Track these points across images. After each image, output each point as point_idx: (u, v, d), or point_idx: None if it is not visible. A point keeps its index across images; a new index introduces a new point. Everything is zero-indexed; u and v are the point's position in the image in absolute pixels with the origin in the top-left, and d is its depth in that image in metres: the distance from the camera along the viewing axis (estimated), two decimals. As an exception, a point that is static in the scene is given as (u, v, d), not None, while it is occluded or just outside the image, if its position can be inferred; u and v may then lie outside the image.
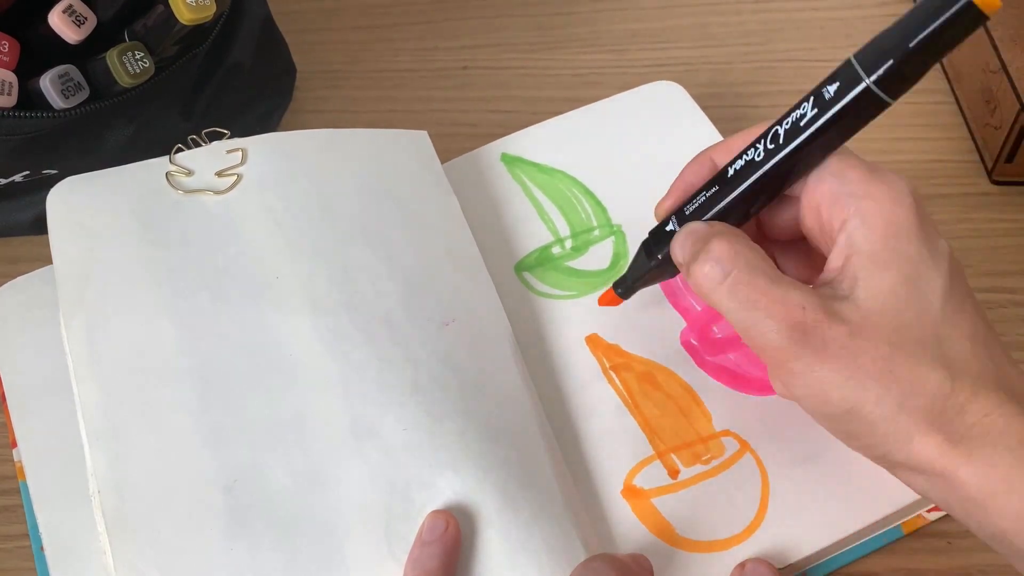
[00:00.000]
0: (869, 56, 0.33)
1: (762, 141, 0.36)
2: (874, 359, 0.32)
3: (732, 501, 0.41)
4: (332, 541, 0.38)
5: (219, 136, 0.48)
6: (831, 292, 0.34)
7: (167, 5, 0.45)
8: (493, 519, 0.38)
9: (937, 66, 0.61)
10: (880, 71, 0.32)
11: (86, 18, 0.46)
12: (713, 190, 0.38)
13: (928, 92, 0.60)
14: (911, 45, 0.32)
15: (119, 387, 0.40)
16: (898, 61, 0.32)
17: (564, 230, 0.50)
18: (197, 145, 0.48)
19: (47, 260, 0.45)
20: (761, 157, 0.36)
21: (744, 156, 0.37)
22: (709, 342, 0.46)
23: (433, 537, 0.37)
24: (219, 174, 0.46)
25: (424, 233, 0.46)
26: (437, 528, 0.38)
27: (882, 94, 0.33)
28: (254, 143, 0.47)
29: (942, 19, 0.31)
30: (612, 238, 0.50)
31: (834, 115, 0.34)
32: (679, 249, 0.37)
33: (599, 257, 0.49)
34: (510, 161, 0.53)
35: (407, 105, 0.60)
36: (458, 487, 0.39)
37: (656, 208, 0.41)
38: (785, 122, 0.35)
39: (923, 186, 0.55)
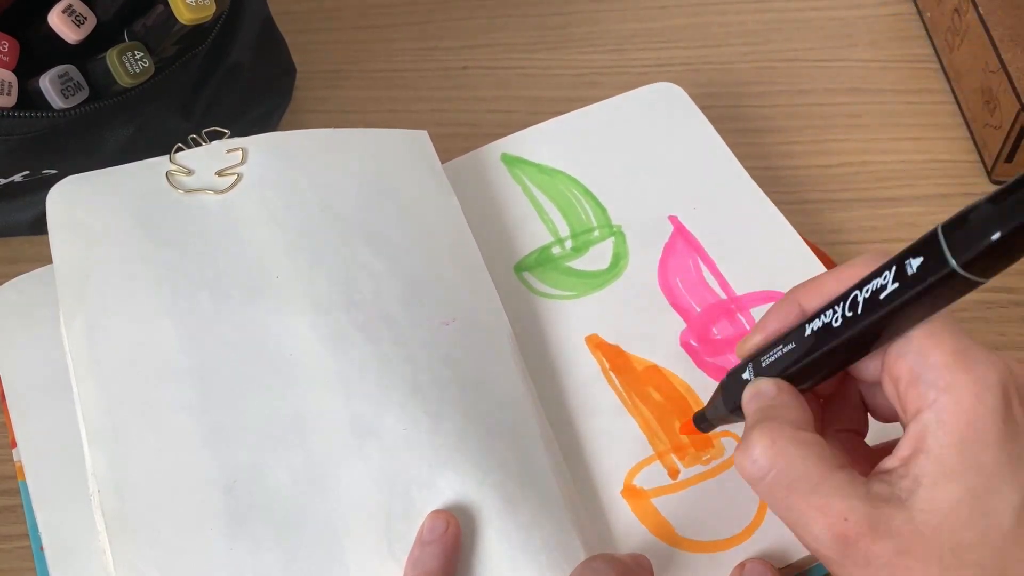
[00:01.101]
0: (958, 234, 0.29)
1: (841, 306, 0.32)
2: None
3: (732, 501, 0.41)
4: (332, 541, 0.38)
5: (219, 135, 0.48)
6: (888, 490, 0.30)
7: (167, 5, 0.45)
8: (493, 519, 0.38)
9: (937, 66, 0.61)
10: (968, 256, 0.28)
11: (86, 18, 0.46)
12: (790, 347, 0.34)
13: (928, 92, 0.60)
14: (1007, 232, 0.27)
15: (119, 387, 0.40)
16: (990, 247, 0.28)
17: (564, 230, 0.50)
18: (197, 144, 0.48)
19: (47, 260, 0.45)
20: (839, 324, 0.32)
21: (822, 317, 0.33)
22: (709, 343, 0.46)
23: (433, 537, 0.37)
24: (219, 173, 0.46)
25: (424, 233, 0.46)
26: (437, 528, 0.38)
27: (971, 276, 0.29)
28: (254, 143, 0.47)
29: None
30: (612, 238, 0.50)
31: (916, 293, 0.30)
32: (746, 408, 0.34)
33: (599, 257, 0.49)
34: (510, 161, 0.53)
35: (407, 105, 0.60)
36: (458, 487, 0.39)
37: (738, 347, 0.37)
38: (865, 290, 0.32)
39: (923, 186, 0.55)
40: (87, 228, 0.44)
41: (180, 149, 0.47)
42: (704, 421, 0.40)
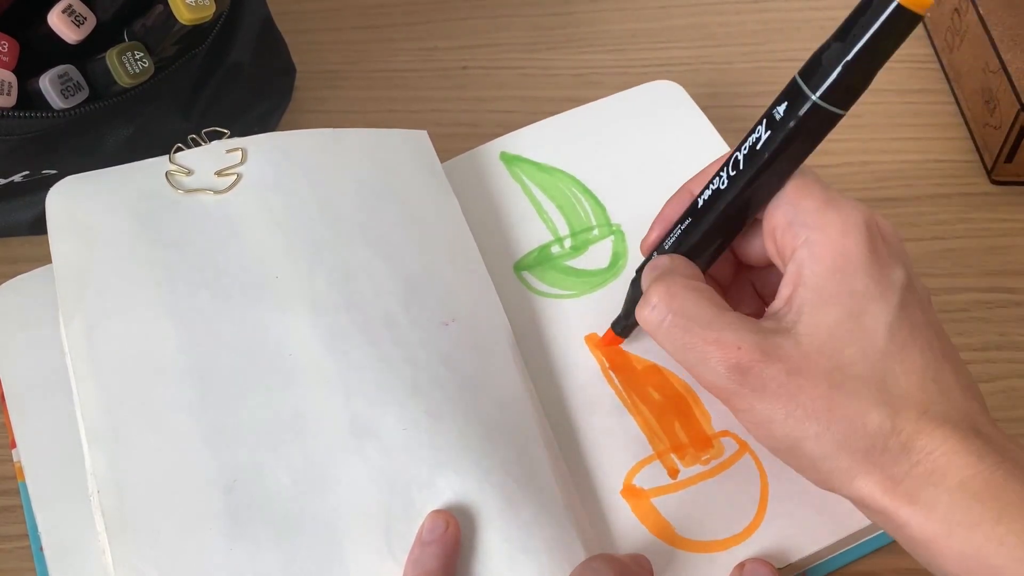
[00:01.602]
0: (812, 72, 0.33)
1: (724, 169, 0.36)
2: (813, 397, 0.32)
3: (732, 501, 0.41)
4: (332, 541, 0.38)
5: (219, 135, 0.48)
6: (774, 325, 0.34)
7: (166, 5, 0.45)
8: (493, 519, 0.38)
9: (937, 66, 0.61)
10: (824, 87, 0.33)
11: (85, 18, 0.46)
12: (687, 223, 0.38)
13: (928, 92, 0.60)
14: (849, 58, 0.32)
15: (119, 387, 0.40)
16: (840, 74, 0.32)
17: (563, 229, 0.50)
18: (197, 144, 0.48)
19: (47, 260, 0.45)
20: (725, 186, 0.36)
21: (710, 186, 0.37)
22: (709, 342, 0.46)
23: (433, 537, 0.37)
24: (219, 174, 0.46)
25: (424, 233, 0.46)
26: (437, 528, 0.38)
27: (831, 107, 0.33)
28: (254, 143, 0.47)
29: (875, 27, 0.31)
30: (611, 237, 0.50)
31: (787, 134, 0.34)
32: (644, 278, 0.38)
33: (598, 256, 0.49)
34: (509, 160, 0.53)
35: (407, 105, 0.60)
36: (458, 487, 0.39)
37: (641, 244, 0.41)
38: (743, 147, 0.35)
39: (923, 186, 0.55)
40: (87, 228, 0.44)
41: (180, 149, 0.47)
42: (620, 324, 0.43)
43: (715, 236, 0.37)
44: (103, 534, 0.38)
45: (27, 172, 0.49)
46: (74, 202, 0.45)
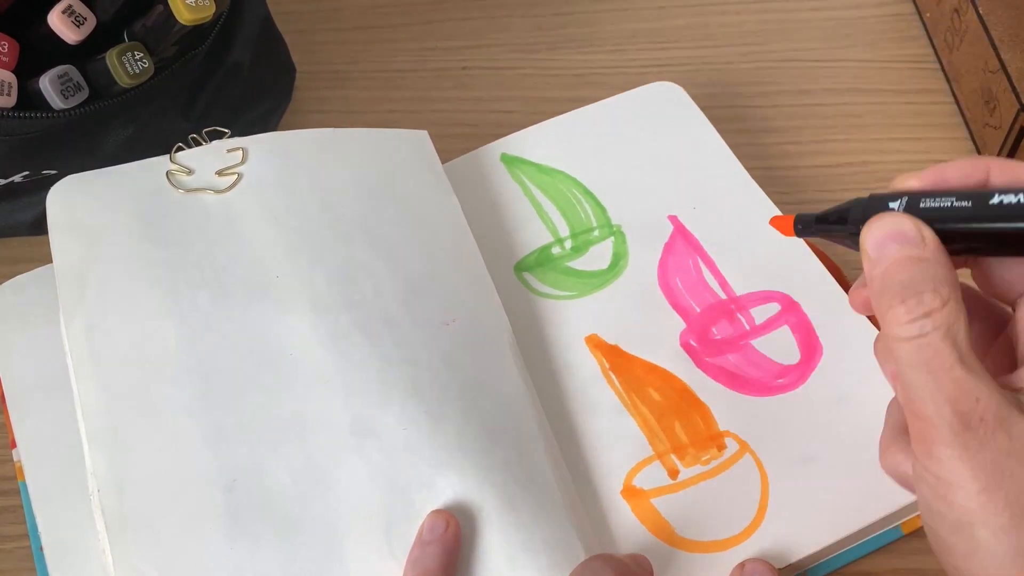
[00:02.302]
0: None
1: None
2: (1020, 492, 0.28)
3: (732, 501, 0.41)
4: (332, 541, 0.38)
5: (219, 135, 0.48)
6: (1016, 400, 0.29)
7: (166, 5, 0.45)
8: (493, 519, 0.38)
9: (936, 66, 0.61)
10: None
11: (85, 18, 0.46)
12: (963, 204, 0.31)
13: (928, 92, 0.60)
14: None
15: (119, 386, 0.40)
16: None
17: (564, 230, 0.50)
18: (197, 144, 0.48)
19: (47, 260, 0.45)
20: None
21: (1020, 195, 0.30)
22: (708, 343, 0.46)
23: (433, 537, 0.37)
24: (219, 173, 0.46)
25: (424, 233, 0.46)
26: (437, 528, 0.38)
27: None
28: (254, 142, 0.47)
29: None
30: (612, 238, 0.50)
31: None
32: (876, 234, 0.31)
33: (599, 257, 0.49)
34: (510, 161, 0.53)
35: (407, 105, 0.60)
36: (458, 487, 0.39)
37: (898, 178, 0.33)
38: None
39: (923, 186, 0.55)
40: (87, 228, 0.44)
41: (180, 149, 0.47)
42: (810, 225, 0.35)
43: (985, 244, 0.31)
44: (103, 534, 0.38)
45: (27, 172, 0.49)
46: (74, 202, 0.45)
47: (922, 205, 0.31)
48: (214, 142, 0.48)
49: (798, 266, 0.48)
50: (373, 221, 0.46)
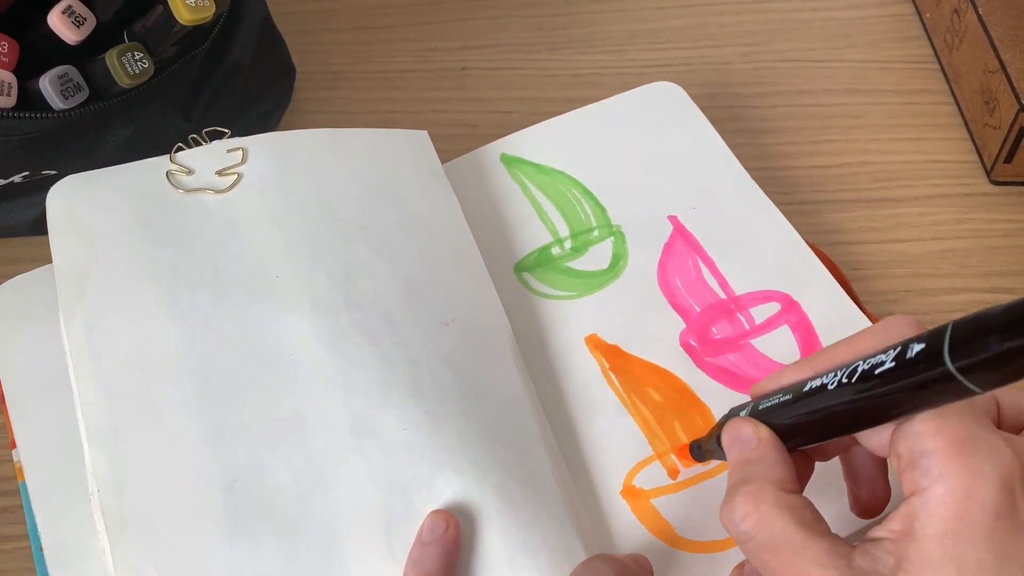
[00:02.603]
0: (964, 333, 0.27)
1: (841, 371, 0.31)
2: None
3: (732, 501, 0.41)
4: (332, 541, 0.38)
5: (219, 135, 0.48)
6: (870, 565, 0.30)
7: (166, 6, 0.46)
8: (493, 519, 0.38)
9: (936, 66, 0.61)
10: (967, 361, 0.26)
11: (85, 19, 0.46)
12: (787, 397, 0.34)
13: (927, 92, 0.60)
14: (1011, 345, 0.25)
15: (119, 386, 0.40)
16: (991, 356, 0.26)
17: (563, 230, 0.50)
18: (197, 144, 0.48)
19: (46, 261, 0.45)
20: (833, 387, 0.31)
21: (822, 378, 0.32)
22: (708, 343, 0.46)
23: (433, 537, 0.37)
24: (219, 173, 0.46)
25: (424, 233, 0.46)
26: (437, 528, 0.38)
27: (967, 383, 0.27)
28: (254, 142, 0.47)
29: None
30: (611, 238, 0.50)
31: (912, 383, 0.28)
32: (725, 441, 0.35)
33: (598, 257, 0.49)
34: (509, 161, 0.53)
35: (406, 106, 0.60)
36: (458, 487, 0.39)
37: (753, 388, 0.37)
38: (867, 361, 0.30)
39: (922, 186, 0.55)
40: (87, 228, 0.44)
41: (180, 149, 0.47)
42: (699, 451, 0.40)
43: (810, 429, 0.33)
44: (103, 534, 0.38)
45: (27, 173, 0.49)
46: (74, 202, 0.45)
47: (760, 407, 0.35)
48: (214, 142, 0.48)
49: (798, 265, 0.48)
50: (373, 221, 0.46)
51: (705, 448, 0.39)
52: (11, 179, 0.49)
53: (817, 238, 0.52)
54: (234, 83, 0.54)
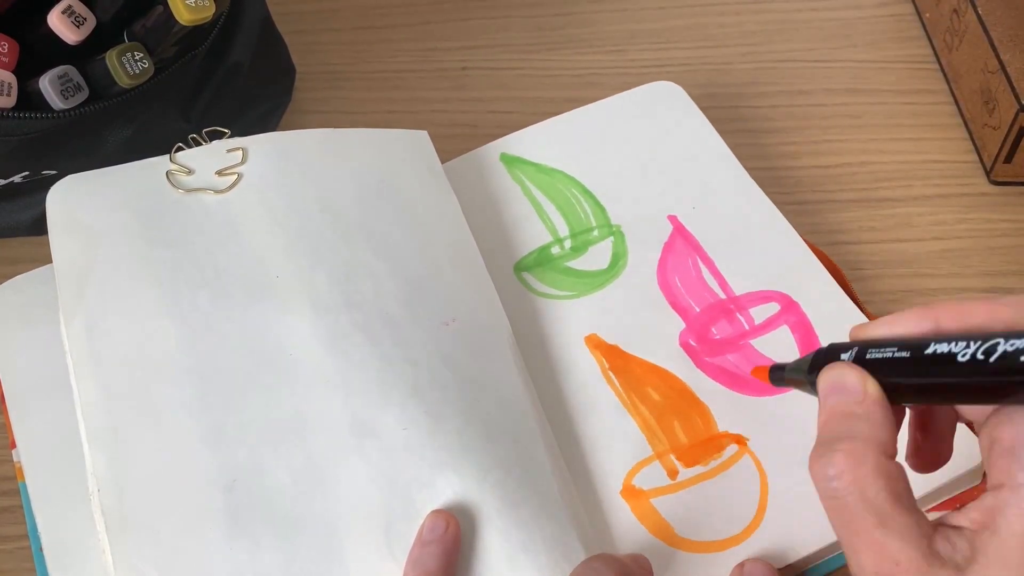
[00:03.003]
0: None
1: (976, 345, 0.29)
2: None
3: (731, 501, 0.41)
4: (332, 541, 0.38)
5: (219, 135, 0.48)
6: (948, 550, 0.29)
7: (166, 6, 0.46)
8: (493, 519, 0.38)
9: (936, 66, 0.61)
10: None
11: (85, 19, 0.46)
12: (903, 355, 0.31)
13: (927, 92, 0.60)
14: None
15: (119, 386, 0.40)
16: None
17: (563, 230, 0.50)
18: (197, 144, 0.48)
19: (46, 261, 0.45)
20: (965, 360, 0.29)
21: (951, 345, 0.30)
22: (708, 343, 0.46)
23: (433, 537, 0.37)
24: (219, 173, 0.46)
25: (424, 233, 0.46)
26: (437, 528, 0.38)
27: None
28: (255, 142, 0.47)
29: None
30: (611, 238, 0.50)
31: None
32: (824, 384, 0.32)
33: (598, 257, 0.49)
34: (509, 161, 0.53)
35: (406, 106, 0.60)
36: (458, 487, 0.39)
37: (854, 329, 0.34)
38: (1011, 343, 0.28)
39: (922, 186, 0.55)
40: (87, 228, 0.44)
41: (180, 149, 0.47)
42: (780, 374, 0.37)
43: (923, 395, 0.32)
44: (103, 534, 0.38)
45: (27, 173, 0.49)
46: (74, 201, 0.45)
47: (868, 356, 0.32)
48: (214, 142, 0.48)
49: (797, 266, 0.48)
50: (373, 221, 0.46)
51: (790, 377, 0.36)
52: (11, 179, 0.49)
53: (817, 238, 0.52)
54: (234, 83, 0.54)
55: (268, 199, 0.46)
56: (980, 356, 0.29)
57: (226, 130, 0.48)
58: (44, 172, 0.49)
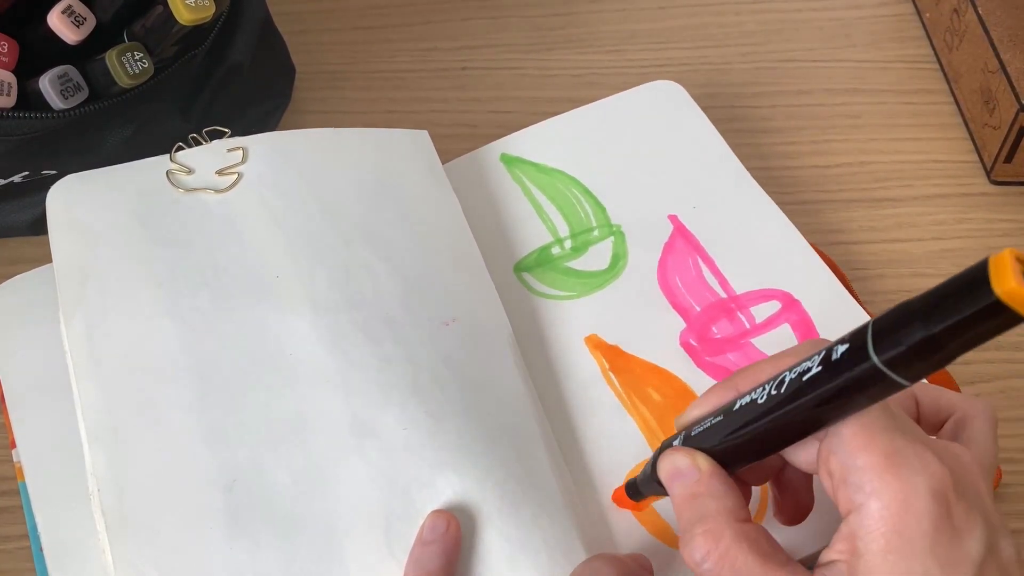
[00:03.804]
0: (886, 327, 0.27)
1: (769, 384, 0.31)
2: None
3: (732, 501, 0.41)
4: (332, 541, 0.38)
5: (220, 135, 0.48)
6: None
7: (166, 6, 0.46)
8: (493, 519, 0.38)
9: (936, 66, 0.61)
10: (892, 352, 0.27)
11: (85, 19, 0.46)
12: (718, 419, 0.33)
13: (927, 92, 0.60)
14: (933, 332, 0.26)
15: (119, 386, 0.40)
16: (914, 346, 0.26)
17: (563, 230, 0.50)
18: (197, 144, 0.48)
19: (46, 260, 0.45)
20: (763, 400, 0.31)
21: (751, 394, 0.32)
22: (708, 343, 0.46)
23: (434, 537, 0.37)
24: (219, 173, 0.46)
25: (424, 233, 0.46)
26: (438, 528, 0.38)
27: (893, 375, 0.27)
28: (255, 142, 0.47)
29: (964, 314, 0.25)
30: (611, 238, 0.50)
31: (838, 385, 0.29)
32: (663, 476, 0.34)
33: (598, 257, 0.49)
34: (509, 161, 0.53)
35: (406, 106, 0.60)
36: (458, 487, 0.39)
37: (676, 420, 0.36)
38: (793, 370, 0.30)
39: (922, 186, 0.55)
40: (87, 227, 0.44)
41: (180, 148, 0.47)
42: (635, 490, 0.39)
43: (747, 448, 0.33)
44: (103, 533, 0.38)
45: (27, 173, 0.49)
46: (74, 201, 0.45)
47: (693, 433, 0.34)
48: (214, 142, 0.48)
49: (798, 264, 0.48)
50: (373, 221, 0.46)
51: (643, 487, 0.38)
52: (11, 179, 0.49)
53: (817, 238, 0.52)
54: (233, 83, 0.54)
55: (268, 199, 0.46)
56: (774, 392, 0.31)
57: (226, 130, 0.48)
58: (44, 172, 0.49)
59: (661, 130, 0.53)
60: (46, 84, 0.45)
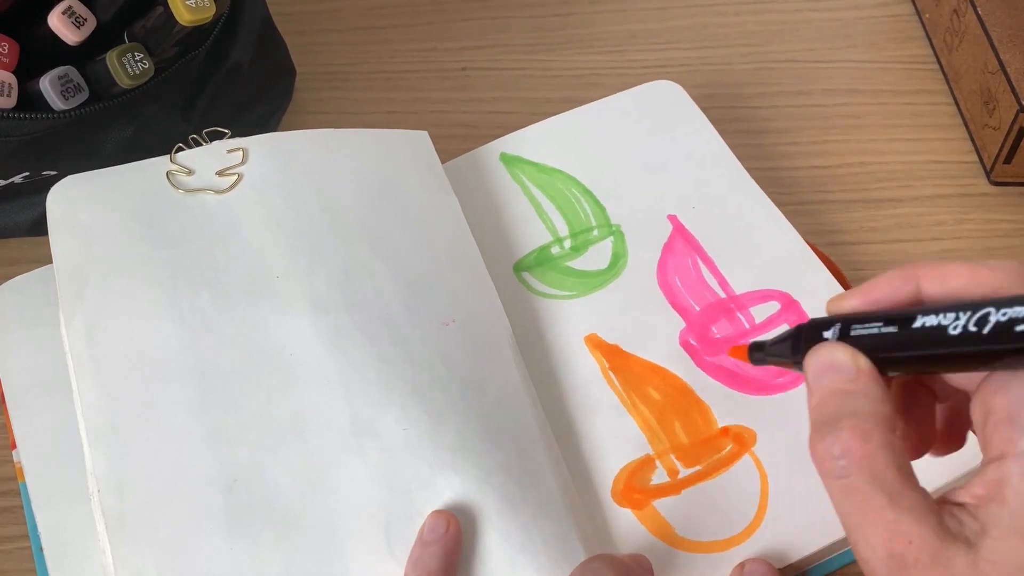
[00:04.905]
0: None
1: (967, 316, 0.28)
2: None
3: (731, 501, 0.41)
4: (332, 541, 0.38)
5: (220, 136, 0.48)
6: (957, 524, 0.28)
7: (166, 6, 0.46)
8: (493, 519, 0.38)
9: (936, 66, 0.61)
10: None
11: (85, 19, 0.46)
12: (890, 330, 0.30)
13: (927, 93, 0.60)
14: None
15: (119, 386, 0.40)
16: None
17: (563, 230, 0.50)
18: (198, 144, 0.48)
19: (46, 261, 0.45)
20: (957, 333, 0.29)
21: (940, 318, 0.29)
22: (708, 342, 0.46)
23: (434, 537, 0.37)
24: (220, 173, 0.46)
25: (424, 233, 0.46)
26: (438, 528, 0.38)
27: None
28: (255, 143, 0.47)
29: None
30: (611, 238, 0.50)
31: None
32: (813, 367, 0.31)
33: (598, 257, 0.49)
34: (509, 161, 0.53)
35: (406, 106, 0.60)
36: (458, 487, 0.39)
37: (830, 302, 0.33)
38: (1003, 312, 0.28)
39: (922, 187, 0.55)
40: (87, 228, 0.44)
41: (180, 149, 0.47)
42: (760, 352, 0.36)
43: (915, 366, 0.31)
44: (103, 533, 0.38)
45: (27, 173, 0.49)
46: (75, 202, 0.45)
47: (852, 333, 0.31)
48: (214, 142, 0.48)
49: (797, 265, 0.48)
50: (373, 221, 0.46)
51: (770, 353, 0.35)
52: (11, 180, 0.49)
53: (817, 238, 0.52)
54: (234, 83, 0.54)
55: (268, 199, 0.46)
56: (972, 328, 0.28)
57: (226, 130, 0.48)
58: (44, 173, 0.49)
59: (661, 130, 0.53)
60: (47, 85, 0.45)
